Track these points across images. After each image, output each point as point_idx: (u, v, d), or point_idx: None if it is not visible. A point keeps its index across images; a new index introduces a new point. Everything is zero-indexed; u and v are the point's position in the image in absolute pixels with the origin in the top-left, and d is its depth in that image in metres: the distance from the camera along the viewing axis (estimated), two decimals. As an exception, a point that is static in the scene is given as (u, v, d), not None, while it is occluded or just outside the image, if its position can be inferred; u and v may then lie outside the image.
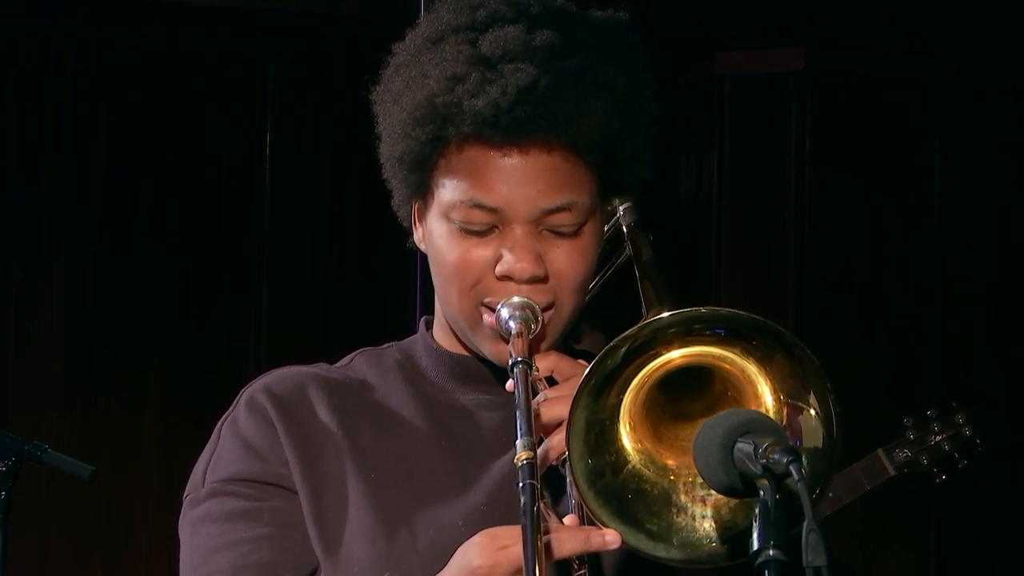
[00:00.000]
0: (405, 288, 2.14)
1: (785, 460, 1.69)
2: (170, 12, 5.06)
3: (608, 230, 2.16)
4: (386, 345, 2.25)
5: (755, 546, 1.69)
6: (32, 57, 5.01)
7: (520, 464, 1.84)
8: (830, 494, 4.05)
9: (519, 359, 1.97)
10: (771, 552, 1.68)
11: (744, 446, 1.74)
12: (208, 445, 2.18)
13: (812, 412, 1.83)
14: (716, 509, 1.88)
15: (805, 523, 1.66)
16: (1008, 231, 5.36)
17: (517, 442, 1.85)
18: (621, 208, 2.16)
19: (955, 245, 5.40)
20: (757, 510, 1.70)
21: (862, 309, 5.39)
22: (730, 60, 5.44)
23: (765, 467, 1.71)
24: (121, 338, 5.07)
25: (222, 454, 2.15)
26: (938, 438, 4.12)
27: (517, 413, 1.90)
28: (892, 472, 4.11)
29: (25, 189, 5.02)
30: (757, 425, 1.76)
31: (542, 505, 1.85)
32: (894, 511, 5.21)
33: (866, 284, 5.40)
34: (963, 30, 5.29)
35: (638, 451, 1.90)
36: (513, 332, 2.02)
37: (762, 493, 1.70)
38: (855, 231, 5.42)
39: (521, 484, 1.82)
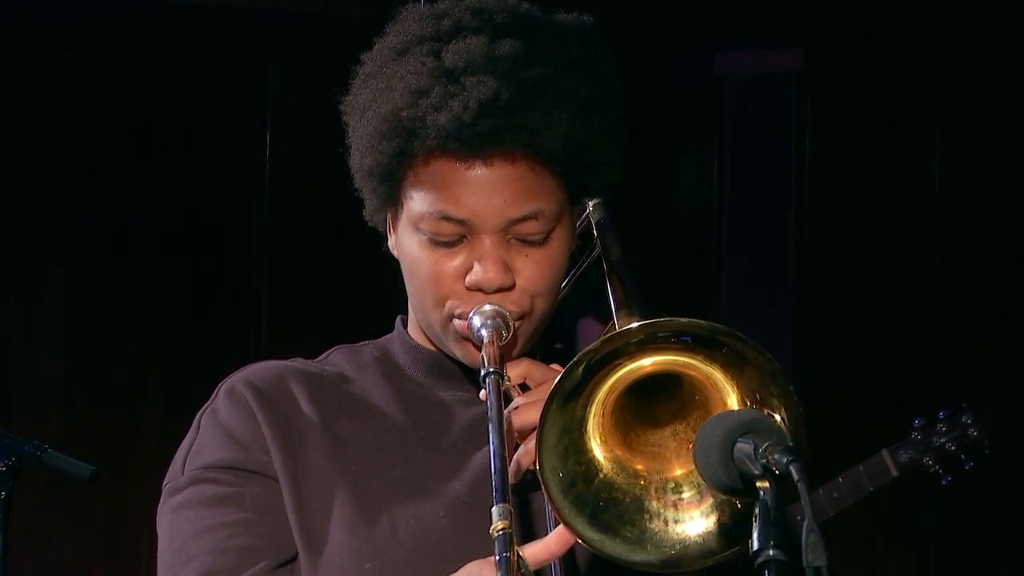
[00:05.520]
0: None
1: (785, 460, 1.69)
2: (171, 12, 5.05)
3: (579, 226, 2.17)
4: (362, 343, 2.26)
5: (755, 546, 1.69)
6: (32, 57, 5.00)
7: (495, 535, 1.81)
8: (835, 495, 4.02)
9: (491, 370, 1.99)
10: (771, 552, 1.68)
11: (744, 446, 1.74)
12: (188, 436, 2.17)
13: (777, 417, 1.84)
14: (687, 513, 1.89)
15: (805, 523, 1.66)
16: (1008, 231, 5.37)
17: (492, 510, 1.83)
18: (591, 204, 2.17)
19: (955, 245, 5.41)
20: (757, 510, 1.71)
21: (862, 309, 5.39)
22: (729, 61, 5.45)
23: (765, 467, 1.71)
24: (121, 338, 5.07)
25: (203, 443, 2.14)
26: (943, 439, 4.05)
27: (489, 426, 1.92)
28: (895, 473, 4.05)
29: (25, 189, 5.02)
30: (757, 425, 1.76)
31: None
32: (895, 511, 5.21)
33: (866, 284, 5.41)
34: (962, 31, 5.29)
35: (609, 459, 1.91)
36: (484, 340, 2.03)
37: (762, 493, 1.71)
38: (855, 231, 5.42)
39: (497, 558, 1.80)
